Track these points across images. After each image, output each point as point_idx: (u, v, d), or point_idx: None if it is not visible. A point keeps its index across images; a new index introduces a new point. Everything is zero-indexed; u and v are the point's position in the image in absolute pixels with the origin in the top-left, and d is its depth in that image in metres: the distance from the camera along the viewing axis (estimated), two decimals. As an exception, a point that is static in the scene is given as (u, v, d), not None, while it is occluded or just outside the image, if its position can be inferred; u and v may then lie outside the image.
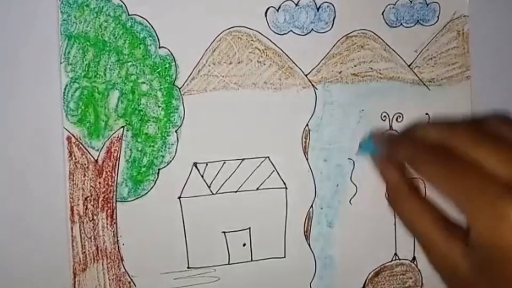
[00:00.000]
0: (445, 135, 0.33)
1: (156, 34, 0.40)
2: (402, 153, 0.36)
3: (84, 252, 0.40)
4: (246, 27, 0.42)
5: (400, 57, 0.45)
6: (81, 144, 0.39)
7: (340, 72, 0.44)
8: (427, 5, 0.45)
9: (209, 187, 0.42)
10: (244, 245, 0.43)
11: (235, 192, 0.43)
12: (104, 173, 0.40)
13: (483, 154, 0.30)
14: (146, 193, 0.41)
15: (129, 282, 0.41)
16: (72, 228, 0.39)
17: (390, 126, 0.45)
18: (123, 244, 0.41)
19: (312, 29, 0.43)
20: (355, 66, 0.44)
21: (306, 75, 0.43)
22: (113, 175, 0.40)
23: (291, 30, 0.43)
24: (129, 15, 0.40)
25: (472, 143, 0.31)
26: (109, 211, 0.40)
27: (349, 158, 0.45)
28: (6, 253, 0.39)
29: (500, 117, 0.33)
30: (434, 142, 0.35)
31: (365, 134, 0.44)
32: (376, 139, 0.42)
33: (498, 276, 0.28)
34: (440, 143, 0.34)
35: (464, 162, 0.31)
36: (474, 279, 0.29)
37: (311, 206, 0.44)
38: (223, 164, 0.42)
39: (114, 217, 0.40)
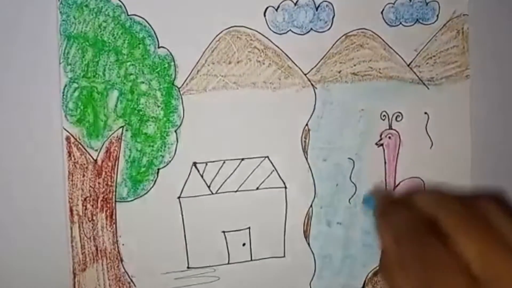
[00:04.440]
0: (438, 212, 0.33)
1: (155, 34, 0.40)
2: (390, 224, 0.37)
3: (84, 252, 0.40)
4: (245, 27, 0.42)
5: (400, 56, 0.45)
6: (80, 144, 0.39)
7: (339, 72, 0.44)
8: (427, 4, 0.45)
9: (208, 187, 0.42)
10: (244, 244, 0.43)
11: (235, 192, 0.43)
12: (104, 173, 0.40)
13: (465, 241, 0.30)
14: (146, 193, 0.41)
15: (129, 282, 0.41)
16: (71, 229, 0.39)
17: (390, 125, 0.45)
18: (123, 244, 0.41)
19: (311, 29, 0.43)
20: (355, 65, 0.44)
21: (305, 75, 0.43)
22: (113, 175, 0.40)
23: (290, 30, 0.43)
24: (128, 15, 0.39)
25: (461, 228, 0.31)
26: (108, 211, 0.40)
27: (348, 158, 0.45)
28: (6, 253, 0.39)
29: (497, 202, 0.33)
30: (425, 214, 0.35)
31: (368, 190, 0.44)
32: (376, 196, 0.43)
33: None
34: (428, 217, 0.34)
35: (440, 246, 0.31)
36: None
37: (311, 205, 0.44)
38: (223, 163, 0.42)
39: (114, 217, 0.40)
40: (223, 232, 0.43)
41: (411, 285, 0.33)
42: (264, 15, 0.42)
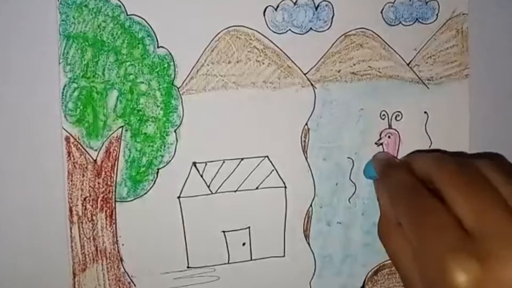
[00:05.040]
0: (432, 172, 0.33)
1: (155, 34, 0.40)
2: (388, 185, 0.36)
3: (84, 252, 0.40)
4: (245, 27, 0.42)
5: (399, 55, 0.45)
6: (80, 144, 0.39)
7: (339, 71, 0.44)
8: (426, 3, 0.45)
9: (208, 186, 0.42)
10: (243, 244, 0.43)
11: (235, 191, 0.43)
12: (103, 173, 0.40)
13: (459, 197, 0.29)
14: (146, 193, 0.41)
15: (129, 282, 0.41)
16: (71, 229, 0.40)
17: (389, 125, 0.45)
18: (123, 244, 0.41)
19: (311, 28, 0.43)
20: (354, 64, 0.44)
21: (305, 74, 0.43)
22: (112, 175, 0.40)
23: (289, 29, 0.43)
24: (127, 15, 0.39)
25: (453, 183, 0.30)
26: (108, 211, 0.40)
27: (348, 157, 0.45)
28: (5, 253, 0.39)
29: (493, 161, 0.32)
30: (423, 176, 0.34)
31: (370, 158, 0.44)
32: (375, 163, 0.43)
33: None
34: (428, 180, 0.33)
35: (434, 202, 0.30)
36: None
37: (311, 205, 0.44)
38: (222, 163, 0.42)
39: (114, 217, 0.40)
40: (223, 231, 0.43)
41: (406, 242, 0.32)
42: (264, 15, 0.42)
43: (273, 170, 0.43)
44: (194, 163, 0.42)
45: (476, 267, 0.26)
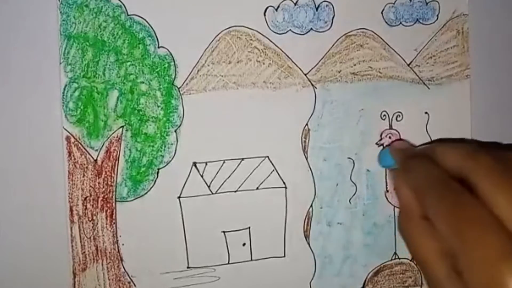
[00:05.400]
0: (465, 166, 0.29)
1: (155, 34, 0.40)
2: (413, 178, 0.33)
3: (84, 252, 0.40)
4: (245, 27, 0.42)
5: (400, 56, 0.45)
6: (80, 144, 0.39)
7: (339, 71, 0.44)
8: (427, 4, 0.45)
9: (208, 186, 0.42)
10: (244, 244, 0.43)
11: (235, 191, 0.43)
12: (104, 173, 0.40)
13: (501, 195, 0.26)
14: (146, 193, 0.41)
15: (129, 282, 0.41)
16: (71, 228, 0.40)
17: (390, 125, 0.45)
18: (123, 244, 0.41)
19: (311, 28, 0.43)
20: (355, 65, 0.44)
21: (305, 74, 0.43)
22: (113, 175, 0.40)
23: (290, 30, 0.43)
24: (128, 15, 0.40)
25: (493, 179, 0.27)
26: (108, 211, 0.40)
27: (348, 158, 0.45)
28: (5, 253, 0.39)
29: None
30: (451, 169, 0.31)
31: (385, 146, 0.44)
32: (394, 152, 0.40)
33: None
34: (457, 173, 0.30)
35: (473, 201, 0.27)
36: None
37: (311, 205, 0.44)
38: (223, 163, 0.42)
39: (114, 217, 0.40)
40: (223, 232, 0.43)
41: (434, 238, 0.30)
42: (264, 15, 0.42)
43: (273, 170, 0.43)
44: (194, 163, 0.42)
45: None
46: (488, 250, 0.25)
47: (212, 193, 0.42)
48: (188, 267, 0.42)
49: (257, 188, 0.43)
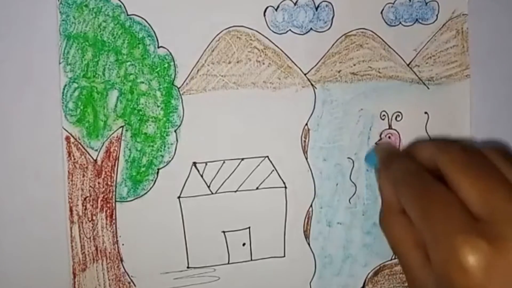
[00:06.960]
0: (438, 158, 0.32)
1: (155, 34, 0.40)
2: (392, 173, 0.36)
3: (84, 252, 0.40)
4: (245, 27, 0.42)
5: (399, 56, 0.45)
6: (80, 144, 0.39)
7: (339, 71, 0.44)
8: (426, 4, 0.45)
9: (208, 186, 0.42)
10: (243, 244, 0.43)
11: (235, 191, 0.43)
12: (103, 173, 0.40)
13: (466, 182, 0.28)
14: (146, 193, 0.41)
15: (129, 282, 0.41)
16: (71, 229, 0.40)
17: (390, 125, 0.45)
18: (123, 244, 0.41)
19: (311, 28, 0.43)
20: (354, 65, 0.44)
21: (305, 74, 0.43)
22: (112, 175, 0.40)
23: (290, 30, 0.43)
24: (128, 15, 0.40)
25: (459, 167, 0.29)
26: (108, 211, 0.40)
27: (348, 158, 0.45)
28: (5, 254, 0.39)
29: (501, 150, 0.31)
30: (427, 163, 0.34)
31: (371, 146, 0.44)
32: (378, 151, 0.42)
33: None
34: (433, 166, 0.32)
35: (440, 187, 0.30)
36: None
37: (311, 205, 0.44)
38: (223, 163, 0.42)
39: (114, 217, 0.40)
40: (223, 232, 0.43)
41: (410, 230, 0.32)
42: (264, 15, 0.42)
43: (273, 170, 0.43)
44: (194, 163, 0.42)
45: (486, 248, 0.25)
46: (448, 225, 0.27)
47: (212, 193, 0.42)
48: (188, 267, 0.42)
49: (257, 188, 0.43)
